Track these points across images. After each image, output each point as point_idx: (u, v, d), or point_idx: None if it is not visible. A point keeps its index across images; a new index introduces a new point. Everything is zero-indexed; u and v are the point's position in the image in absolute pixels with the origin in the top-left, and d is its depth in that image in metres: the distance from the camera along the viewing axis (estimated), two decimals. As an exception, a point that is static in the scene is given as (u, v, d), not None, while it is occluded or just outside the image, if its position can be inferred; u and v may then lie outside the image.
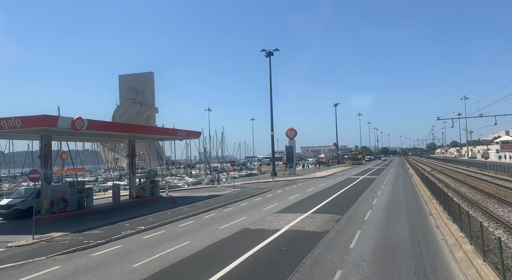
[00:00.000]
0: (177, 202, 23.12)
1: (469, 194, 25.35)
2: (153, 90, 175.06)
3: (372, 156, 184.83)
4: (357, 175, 53.04)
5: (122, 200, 25.53)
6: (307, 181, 44.08)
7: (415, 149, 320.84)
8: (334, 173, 59.57)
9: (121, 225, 16.59)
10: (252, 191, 31.18)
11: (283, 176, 54.18)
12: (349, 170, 69.76)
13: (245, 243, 12.45)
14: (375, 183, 37.06)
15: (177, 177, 72.96)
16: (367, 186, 34.27)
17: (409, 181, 39.75)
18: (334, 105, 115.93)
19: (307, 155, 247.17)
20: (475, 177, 39.06)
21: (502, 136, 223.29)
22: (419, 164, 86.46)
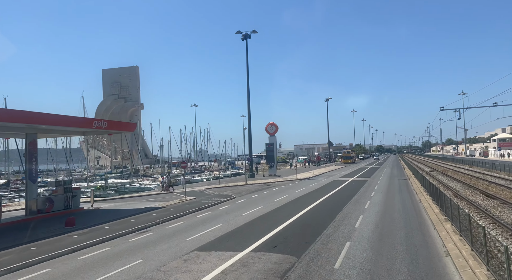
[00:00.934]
0: (76, 224, 16.07)
1: (494, 209, 18.57)
2: (138, 86, 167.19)
3: (366, 154, 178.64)
4: (346, 176, 46.27)
5: (8, 218, 18.46)
6: (285, 184, 37.23)
7: (410, 146, 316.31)
8: (321, 174, 52.82)
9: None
10: (206, 201, 24.23)
11: (262, 177, 47.32)
12: (339, 170, 63.11)
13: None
14: (365, 188, 30.28)
15: (149, 178, 65.83)
16: (354, 192, 27.46)
17: (406, 184, 33.05)
18: (325, 100, 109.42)
19: (301, 153, 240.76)
20: (486, 180, 32.38)
21: (498, 133, 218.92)
22: (415, 163, 79.99)
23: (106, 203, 25.49)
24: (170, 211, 20.11)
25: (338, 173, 53.26)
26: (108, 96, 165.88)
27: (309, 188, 31.76)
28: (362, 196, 25.24)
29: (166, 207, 22.04)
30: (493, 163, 50.30)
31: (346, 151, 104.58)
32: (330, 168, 71.48)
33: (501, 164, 44.67)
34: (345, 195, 25.86)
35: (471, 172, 43.37)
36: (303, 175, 50.77)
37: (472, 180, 33.66)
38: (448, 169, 52.83)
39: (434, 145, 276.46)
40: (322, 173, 55.39)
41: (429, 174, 44.09)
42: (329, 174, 53.29)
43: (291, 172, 60.43)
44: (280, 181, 40.75)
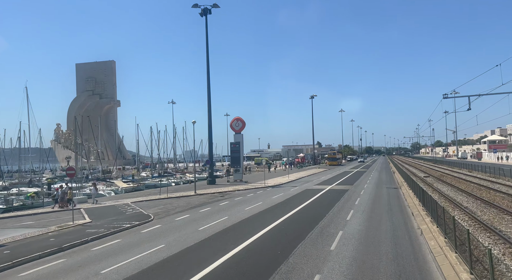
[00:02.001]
0: None
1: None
2: (114, 81, 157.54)
3: (354, 156, 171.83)
4: (324, 182, 38.33)
5: None
6: (243, 194, 29.01)
7: (399, 148, 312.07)
8: (297, 179, 44.83)
9: None
10: (96, 230, 15.91)
11: (225, 183, 39.09)
12: (320, 174, 55.25)
13: None
14: (342, 203, 22.28)
15: (106, 182, 56.78)
16: (325, 211, 19.38)
17: (397, 196, 25.22)
18: (310, 97, 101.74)
19: (289, 155, 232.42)
20: (502, 192, 24.66)
21: (488, 135, 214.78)
22: (406, 166, 72.65)
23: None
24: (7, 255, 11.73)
25: (317, 178, 45.34)
26: (82, 92, 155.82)
27: (269, 202, 23.63)
28: (334, 219, 17.14)
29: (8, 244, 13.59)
30: (492, 167, 43.15)
31: (332, 152, 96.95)
32: (312, 171, 63.60)
33: (500, 168, 37.44)
34: (310, 217, 17.76)
35: (474, 179, 35.84)
36: (275, 180, 42.70)
37: (485, 192, 25.79)
38: (445, 174, 45.37)
39: (423, 146, 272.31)
40: (299, 177, 47.41)
41: (424, 180, 36.46)
42: (307, 179, 45.34)
43: (264, 176, 52.39)
44: (241, 190, 32.54)
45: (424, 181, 36.05)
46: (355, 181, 39.45)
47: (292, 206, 21.31)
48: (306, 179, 45.41)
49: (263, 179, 42.56)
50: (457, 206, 19.91)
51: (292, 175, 53.39)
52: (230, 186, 35.82)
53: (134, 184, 53.70)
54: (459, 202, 21.16)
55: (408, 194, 25.18)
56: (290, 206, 21.55)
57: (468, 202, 21.30)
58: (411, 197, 23.40)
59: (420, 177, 40.25)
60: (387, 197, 24.95)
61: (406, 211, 19.29)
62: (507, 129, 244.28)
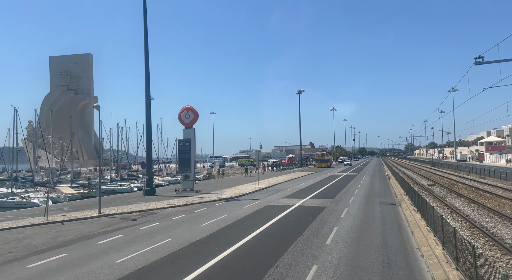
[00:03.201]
0: None
1: None
2: (91, 76, 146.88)
3: (346, 157, 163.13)
4: (298, 194, 28.90)
5: None
6: (170, 217, 19.47)
7: (393, 149, 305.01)
8: (268, 187, 35.50)
9: None
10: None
11: (171, 194, 29.66)
12: (300, 179, 45.99)
13: None
14: (305, 241, 12.86)
15: (48, 186, 46.83)
16: (267, 264, 10.00)
17: (397, 223, 16.02)
18: (297, 92, 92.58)
19: (279, 155, 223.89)
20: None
21: (484, 136, 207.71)
22: (402, 169, 63.78)
23: None
24: None
25: (293, 186, 36.05)
26: (56, 87, 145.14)
27: (177, 242, 14.22)
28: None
29: None
30: (507, 171, 34.40)
31: (320, 153, 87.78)
32: (293, 175, 54.35)
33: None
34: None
35: (497, 190, 26.80)
36: (239, 189, 33.36)
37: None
38: (453, 181, 36.36)
39: (417, 148, 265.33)
40: (272, 184, 38.10)
41: (431, 191, 27.36)
42: (281, 186, 36.04)
43: (227, 182, 43.02)
44: (178, 206, 23.07)
45: (430, 191, 26.97)
46: (339, 191, 30.19)
47: (211, 253, 11.89)
48: (280, 186, 36.12)
49: (225, 187, 33.22)
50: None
51: (267, 180, 44.10)
52: (170, 199, 26.34)
53: (85, 190, 44.19)
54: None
55: (415, 219, 15.97)
56: (207, 251, 12.13)
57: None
58: (420, 226, 14.22)
59: (423, 186, 31.22)
60: (382, 226, 15.68)
61: (417, 264, 10.06)
62: (504, 130, 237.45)
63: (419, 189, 28.99)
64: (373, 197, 25.81)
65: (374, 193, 28.95)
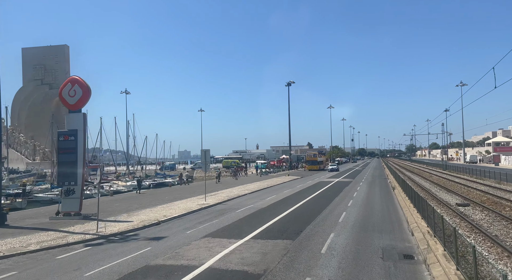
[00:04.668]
0: None
1: None
2: (67, 69, 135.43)
3: (344, 158, 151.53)
4: (244, 225, 17.12)
5: None
6: None
7: (394, 150, 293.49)
8: (218, 204, 23.88)
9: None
10: None
11: (41, 221, 18.22)
12: (276, 188, 34.39)
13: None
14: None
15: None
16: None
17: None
18: (286, 84, 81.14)
19: (274, 156, 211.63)
20: None
21: (490, 137, 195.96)
22: (408, 173, 52.22)
23: None
24: None
25: (254, 203, 24.51)
26: (29, 81, 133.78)
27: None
28: None
29: None
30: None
31: (312, 154, 76.19)
32: (271, 182, 42.80)
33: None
34: None
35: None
36: (166, 209, 21.85)
37: None
38: (493, 196, 24.63)
39: (418, 149, 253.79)
40: (226, 199, 26.48)
41: (470, 221, 15.77)
42: (236, 203, 24.49)
43: (173, 193, 31.49)
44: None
45: (468, 221, 15.41)
46: (315, 217, 18.54)
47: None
48: (232, 204, 24.55)
49: (154, 203, 21.71)
50: None
51: (228, 190, 32.61)
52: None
53: (14, 200, 33.05)
54: None
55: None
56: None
57: None
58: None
59: (450, 206, 19.67)
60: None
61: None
62: (511, 130, 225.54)
63: (447, 212, 17.52)
64: (370, 233, 14.22)
65: (372, 220, 17.38)
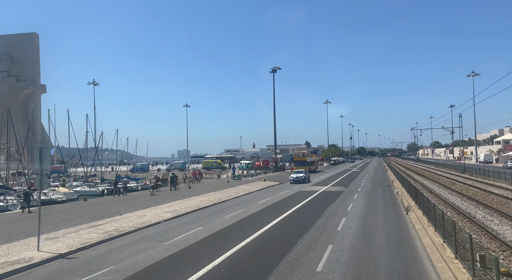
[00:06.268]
0: None
1: None
2: (37, 60, 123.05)
3: (342, 157, 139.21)
4: None
5: None
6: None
7: (395, 149, 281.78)
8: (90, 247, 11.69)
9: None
10: None
11: None
12: (215, 209, 21.73)
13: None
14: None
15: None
16: None
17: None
18: (271, 71, 68.76)
19: (268, 155, 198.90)
20: None
21: (497, 135, 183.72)
22: (418, 178, 39.83)
23: None
24: None
25: (154, 244, 12.23)
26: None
27: None
28: None
29: None
30: None
31: (300, 153, 63.81)
32: (230, 193, 30.43)
33: None
34: None
35: None
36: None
37: None
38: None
39: (420, 147, 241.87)
40: (113, 235, 14.27)
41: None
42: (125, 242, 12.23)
43: (84, 210, 19.06)
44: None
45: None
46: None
47: None
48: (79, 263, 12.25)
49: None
50: None
51: (130, 217, 20.38)
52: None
53: None
54: None
55: None
56: None
57: None
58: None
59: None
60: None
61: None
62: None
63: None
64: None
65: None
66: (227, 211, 20.62)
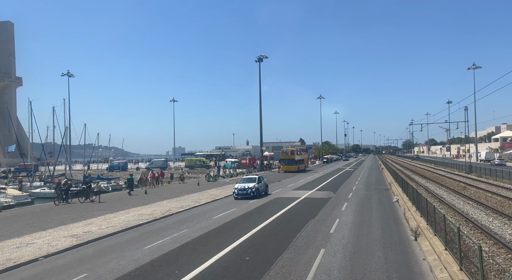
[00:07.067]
0: None
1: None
2: (12, 50, 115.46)
3: (335, 155, 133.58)
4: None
5: None
6: None
7: (390, 147, 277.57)
8: None
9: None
10: None
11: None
12: (147, 231, 15.54)
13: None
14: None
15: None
16: None
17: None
18: (257, 60, 62.44)
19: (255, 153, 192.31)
20: None
21: (494, 132, 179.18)
22: (420, 180, 33.79)
23: None
24: None
25: None
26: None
27: None
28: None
29: None
30: None
31: (288, 151, 57.73)
32: (187, 202, 24.31)
33: None
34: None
35: None
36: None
37: None
38: None
39: (415, 145, 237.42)
40: None
41: None
42: None
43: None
44: None
45: None
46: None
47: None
48: None
49: None
50: None
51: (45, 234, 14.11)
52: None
53: None
54: None
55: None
56: None
57: None
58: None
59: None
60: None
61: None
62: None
63: None
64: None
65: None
66: (160, 235, 14.46)
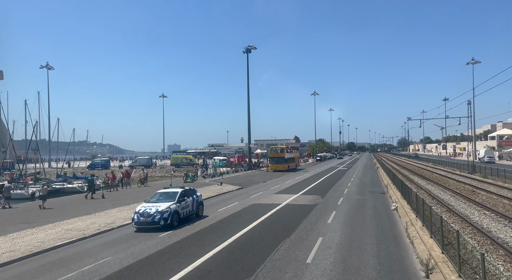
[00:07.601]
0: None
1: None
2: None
3: (330, 153, 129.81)
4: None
5: None
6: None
7: (385, 145, 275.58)
8: None
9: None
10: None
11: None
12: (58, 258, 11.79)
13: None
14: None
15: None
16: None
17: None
18: (245, 51, 58.20)
19: (254, 150, 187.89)
20: None
21: (490, 130, 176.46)
22: (419, 182, 29.63)
23: None
24: None
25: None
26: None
27: None
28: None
29: None
30: None
31: (278, 149, 53.70)
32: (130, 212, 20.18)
33: None
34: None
35: None
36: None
37: None
38: None
39: (411, 143, 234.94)
40: None
41: None
42: None
43: None
44: None
45: None
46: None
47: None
48: None
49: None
50: None
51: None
52: None
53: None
54: None
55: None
56: None
57: None
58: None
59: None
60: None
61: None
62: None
63: None
64: None
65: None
66: (71, 266, 10.33)
